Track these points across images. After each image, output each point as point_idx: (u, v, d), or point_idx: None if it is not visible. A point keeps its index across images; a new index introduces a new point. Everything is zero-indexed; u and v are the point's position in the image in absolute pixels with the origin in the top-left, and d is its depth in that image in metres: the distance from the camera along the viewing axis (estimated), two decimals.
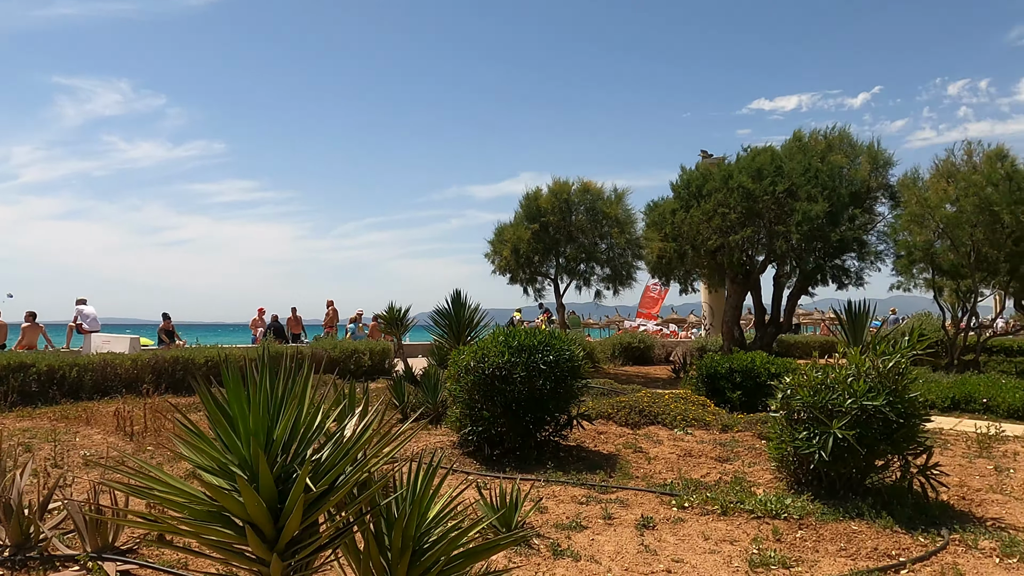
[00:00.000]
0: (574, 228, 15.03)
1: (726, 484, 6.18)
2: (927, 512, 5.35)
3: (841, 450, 5.40)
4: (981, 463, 7.53)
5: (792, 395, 5.76)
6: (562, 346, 6.99)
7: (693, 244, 16.87)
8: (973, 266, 15.72)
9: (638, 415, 9.54)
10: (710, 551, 4.56)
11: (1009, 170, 14.53)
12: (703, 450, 7.72)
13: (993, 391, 11.64)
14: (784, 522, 5.16)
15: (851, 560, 4.48)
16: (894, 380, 5.55)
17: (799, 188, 16.04)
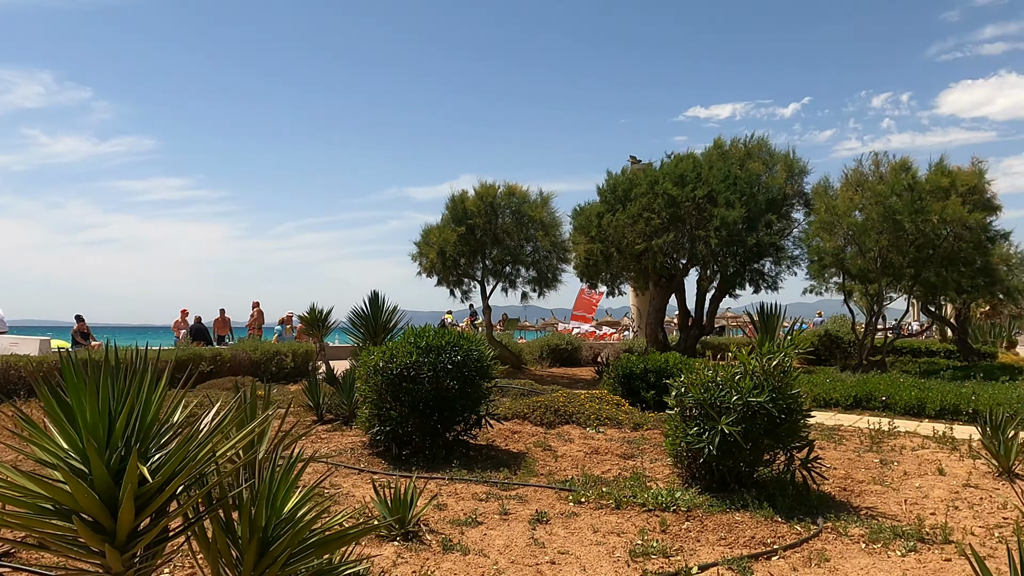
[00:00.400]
0: (500, 231, 15.19)
1: (625, 479, 6.37)
2: (807, 502, 5.64)
3: (728, 445, 5.64)
4: (869, 457, 7.96)
5: (685, 393, 6.00)
6: (470, 347, 7.09)
7: (619, 247, 17.23)
8: (879, 271, 16.51)
9: (553, 415, 9.71)
10: (596, 543, 4.72)
11: (911, 181, 15.32)
12: (610, 448, 7.93)
13: (891, 390, 12.26)
14: (673, 514, 5.37)
15: (729, 548, 4.70)
16: (778, 378, 5.84)
17: (719, 194, 16.57)
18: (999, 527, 5.27)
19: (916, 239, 15.86)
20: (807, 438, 6.07)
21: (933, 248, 16.06)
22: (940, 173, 15.49)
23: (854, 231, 16.15)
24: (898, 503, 5.95)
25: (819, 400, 12.67)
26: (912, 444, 8.88)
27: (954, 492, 6.32)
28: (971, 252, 16.22)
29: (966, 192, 15.67)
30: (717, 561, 4.38)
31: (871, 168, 16.76)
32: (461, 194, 15.38)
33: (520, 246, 15.33)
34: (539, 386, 12.73)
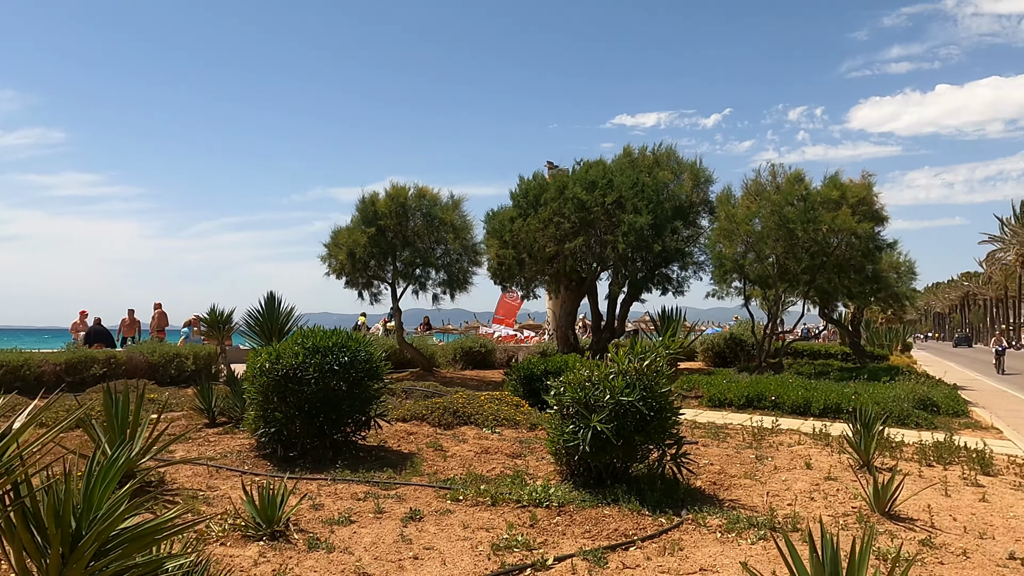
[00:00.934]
0: (411, 233, 15.20)
1: (506, 477, 6.52)
2: (674, 496, 5.90)
3: (601, 442, 5.86)
4: (747, 453, 8.36)
5: (563, 392, 6.19)
6: (358, 348, 7.12)
7: (530, 251, 17.50)
8: (776, 277, 17.29)
9: (452, 416, 9.80)
10: (464, 538, 4.84)
11: (804, 192, 16.12)
12: (501, 447, 8.08)
13: (780, 390, 12.87)
14: (545, 510, 5.54)
15: (591, 540, 4.89)
16: (651, 378, 6.10)
17: (627, 201, 17.03)
18: (846, 515, 5.65)
19: (810, 247, 16.68)
20: (678, 435, 6.35)
21: (826, 256, 16.92)
22: (832, 185, 16.36)
23: (753, 238, 16.87)
24: (761, 495, 6.29)
25: (714, 400, 13.20)
26: (790, 441, 9.37)
27: (815, 484, 6.72)
28: (860, 260, 17.18)
29: (855, 203, 16.60)
30: (575, 552, 4.56)
31: (769, 179, 17.55)
32: (372, 195, 15.32)
33: (431, 248, 15.38)
34: (444, 388, 12.81)
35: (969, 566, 4.56)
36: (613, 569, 4.37)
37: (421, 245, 15.30)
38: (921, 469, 7.66)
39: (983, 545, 5.01)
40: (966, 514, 5.82)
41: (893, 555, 4.63)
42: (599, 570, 4.33)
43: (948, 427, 11.48)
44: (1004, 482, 7.23)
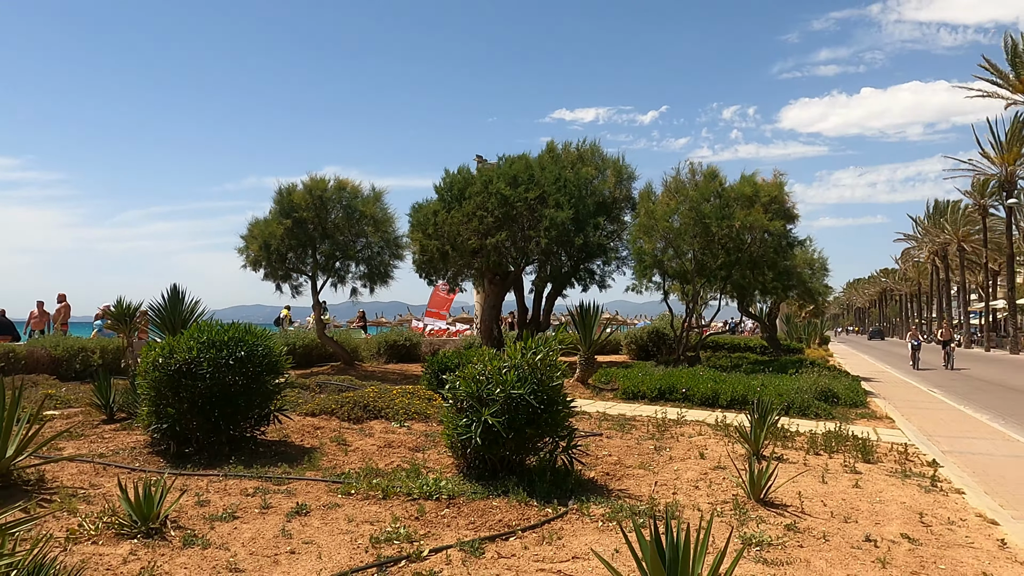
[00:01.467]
0: (330, 225, 15.02)
1: (403, 471, 6.56)
2: (564, 487, 6.04)
3: (493, 435, 5.95)
4: (648, 443, 8.60)
5: (457, 386, 6.26)
6: (256, 342, 7.03)
7: (453, 245, 17.51)
8: (694, 272, 17.76)
9: (362, 410, 9.77)
10: (346, 532, 4.86)
11: (719, 189, 16.60)
12: (405, 441, 8.12)
13: (691, 383, 13.26)
14: (435, 502, 5.60)
15: (473, 531, 4.98)
16: (544, 371, 6.22)
17: (549, 196, 17.19)
18: (724, 503, 5.89)
19: (725, 243, 17.20)
20: (571, 427, 6.50)
21: (740, 252, 17.47)
22: (745, 183, 16.88)
23: (672, 234, 17.28)
24: (650, 485, 6.50)
25: (628, 393, 13.50)
26: (692, 432, 9.68)
27: (704, 474, 6.98)
28: (773, 256, 17.79)
29: (768, 202, 17.17)
30: (452, 544, 4.64)
31: (688, 176, 17.99)
32: (289, 187, 15.08)
33: (351, 241, 15.24)
34: (360, 382, 12.75)
35: (826, 548, 4.83)
36: (489, 559, 4.47)
37: (341, 238, 15.14)
38: (807, 457, 8.02)
39: (844, 529, 5.31)
40: (837, 500, 6.15)
41: (757, 539, 4.87)
42: (474, 560, 4.42)
43: (845, 417, 12.04)
44: (881, 469, 7.65)
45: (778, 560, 4.53)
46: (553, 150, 20.46)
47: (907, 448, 8.92)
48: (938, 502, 6.34)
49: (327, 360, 17.79)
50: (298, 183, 15.40)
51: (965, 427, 12.06)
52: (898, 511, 5.87)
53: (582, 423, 10.13)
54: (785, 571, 4.36)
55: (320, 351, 17.84)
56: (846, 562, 4.56)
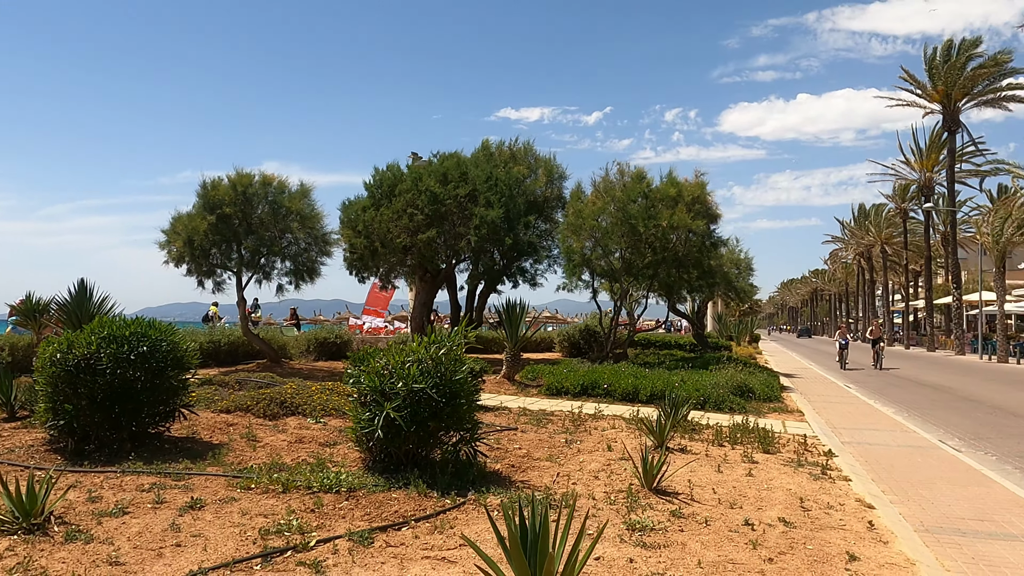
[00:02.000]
0: (255, 221, 14.81)
1: (308, 465, 6.58)
2: (466, 478, 6.16)
3: (395, 428, 6.03)
4: (561, 437, 8.79)
5: (361, 380, 6.31)
6: (159, 337, 6.94)
7: (383, 242, 17.47)
8: (621, 271, 18.11)
9: (278, 407, 9.71)
10: (237, 525, 4.87)
11: (645, 190, 16.97)
12: (318, 437, 8.12)
13: (613, 379, 13.54)
14: (335, 495, 5.65)
15: (368, 522, 5.04)
16: (448, 366, 6.32)
17: (480, 194, 17.30)
18: (619, 492, 6.09)
19: (652, 243, 17.59)
20: (475, 420, 6.62)
21: (666, 251, 17.89)
22: (670, 183, 17.30)
23: (600, 234, 17.59)
24: (553, 476, 6.67)
25: (553, 389, 13.70)
26: (606, 426, 9.92)
27: (607, 464, 7.19)
28: (697, 255, 18.27)
29: (691, 202, 17.62)
30: (342, 534, 4.70)
31: (617, 176, 18.33)
32: (214, 181, 14.79)
33: (277, 237, 15.04)
34: (281, 379, 12.63)
35: (705, 532, 5.06)
36: (377, 548, 4.55)
37: (267, 234, 14.93)
38: (710, 449, 8.33)
39: (728, 514, 5.57)
40: (728, 487, 6.42)
41: (640, 524, 5.07)
42: (362, 549, 4.50)
43: (758, 411, 12.48)
44: (778, 459, 7.99)
45: (656, 543, 4.74)
46: (487, 148, 20.59)
47: (807, 439, 9.34)
48: (823, 489, 6.67)
49: (253, 358, 17.51)
50: (223, 177, 15.13)
51: (870, 420, 12.63)
52: (782, 497, 6.18)
53: (501, 418, 10.28)
54: (661, 553, 4.57)
55: (247, 348, 17.56)
56: (720, 544, 4.80)
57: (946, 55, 38.29)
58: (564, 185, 20.48)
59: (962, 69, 37.33)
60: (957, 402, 16.14)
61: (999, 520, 6.12)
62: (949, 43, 38.73)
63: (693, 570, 4.31)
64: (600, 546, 4.69)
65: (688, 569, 4.32)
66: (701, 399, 12.58)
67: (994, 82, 37.27)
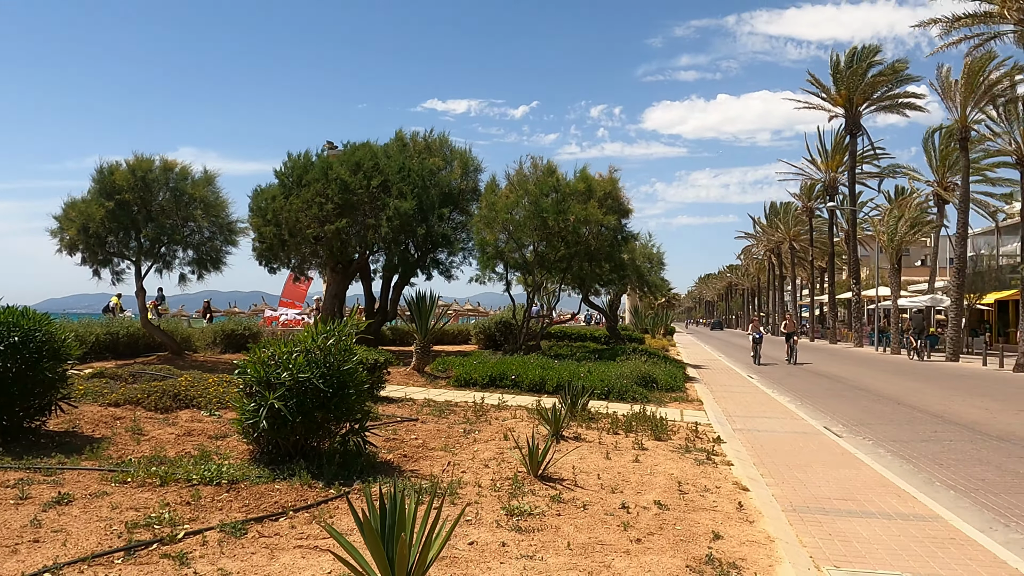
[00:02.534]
0: (156, 208, 14.28)
1: (191, 458, 6.43)
2: (353, 468, 6.15)
3: (280, 419, 5.96)
4: (460, 427, 8.85)
5: (247, 370, 6.21)
6: (33, 327, 6.64)
7: (292, 231, 17.12)
8: (534, 263, 18.31)
9: (171, 399, 9.44)
10: (105, 519, 4.73)
11: (556, 184, 17.20)
12: (209, 429, 7.94)
13: (522, 370, 13.70)
14: (215, 487, 5.54)
15: (244, 514, 4.98)
16: (336, 356, 6.29)
17: (393, 185, 17.16)
18: (507, 479, 6.20)
19: (565, 236, 17.85)
20: (365, 411, 6.61)
21: (579, 245, 18.18)
22: (580, 179, 17.59)
23: (512, 227, 17.73)
24: (444, 466, 6.72)
25: (462, 380, 13.76)
26: (508, 416, 10.05)
27: (500, 453, 7.30)
28: (608, 249, 18.64)
29: (603, 197, 17.96)
30: (214, 526, 4.63)
31: (531, 170, 18.50)
32: (111, 166, 14.18)
33: (179, 225, 14.55)
34: (179, 372, 12.25)
35: (581, 516, 5.21)
36: (250, 539, 4.50)
37: (168, 222, 14.42)
38: (604, 437, 8.55)
39: (607, 498, 5.75)
40: (613, 473, 6.62)
41: (519, 510, 5.19)
42: (233, 540, 4.44)
43: (660, 401, 12.86)
44: (668, 446, 8.27)
45: (531, 528, 4.86)
46: (401, 139, 20.42)
47: (699, 427, 9.70)
48: (705, 473, 6.96)
49: (155, 350, 16.92)
50: (121, 162, 14.53)
51: (764, 408, 13.19)
52: (663, 482, 6.41)
53: (404, 410, 10.28)
54: (534, 537, 4.68)
55: (148, 341, 16.95)
56: (593, 527, 4.96)
57: (849, 61, 40.14)
58: (480, 178, 20.54)
59: (863, 75, 39.23)
60: (847, 391, 17.03)
61: (861, 499, 6.52)
62: (853, 50, 40.63)
63: (562, 552, 4.44)
64: (476, 531, 4.78)
65: (557, 551, 4.45)
66: (606, 389, 12.87)
67: (892, 88, 39.33)
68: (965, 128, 29.39)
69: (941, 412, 13.09)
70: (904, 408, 13.74)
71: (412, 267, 19.86)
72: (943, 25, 23.20)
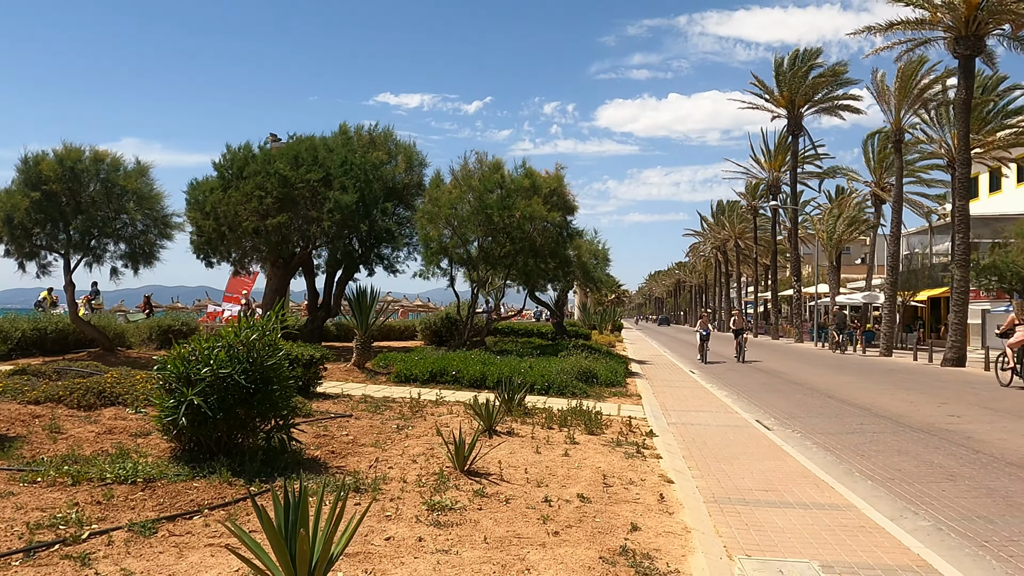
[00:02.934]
0: (86, 200, 13.82)
1: (108, 456, 6.25)
2: (277, 465, 6.06)
3: (201, 415, 5.84)
4: (394, 423, 8.80)
5: (167, 366, 6.07)
6: None
7: (231, 225, 16.78)
8: (479, 259, 18.30)
9: (96, 397, 9.15)
10: (6, 520, 4.54)
11: (500, 180, 17.21)
12: (132, 427, 7.74)
13: (462, 365, 13.69)
14: (129, 486, 5.40)
15: (157, 512, 4.86)
16: (260, 351, 6.19)
17: (335, 179, 16.95)
18: (433, 474, 6.19)
19: (510, 232, 17.87)
20: (292, 406, 6.52)
21: (524, 241, 18.23)
22: (525, 176, 17.64)
23: (457, 222, 17.68)
24: (372, 461, 6.67)
25: (402, 376, 13.68)
26: (444, 411, 10.03)
27: (430, 448, 7.28)
28: (553, 246, 18.74)
29: (548, 193, 18.05)
30: (123, 525, 4.52)
31: (476, 165, 18.48)
32: (37, 156, 13.68)
33: (110, 218, 14.11)
34: (107, 368, 11.90)
35: (503, 510, 5.24)
36: (159, 538, 4.39)
37: (99, 214, 13.98)
38: (537, 431, 8.59)
39: (531, 492, 5.78)
40: (541, 468, 6.66)
41: (440, 504, 5.18)
42: (142, 540, 4.33)
43: (600, 396, 12.99)
44: (600, 440, 8.36)
45: (450, 522, 4.86)
46: (346, 133, 20.18)
47: (633, 421, 9.83)
48: (632, 466, 7.06)
49: (87, 346, 16.41)
50: (49, 152, 14.03)
51: (702, 403, 13.45)
52: (589, 475, 6.48)
53: (340, 406, 10.17)
54: (451, 531, 4.69)
55: (79, 336, 16.43)
56: (512, 520, 4.98)
57: (791, 64, 41.13)
58: (425, 172, 20.45)
59: (804, 77, 40.24)
60: (783, 385, 17.47)
61: (781, 489, 6.70)
62: (795, 53, 41.64)
63: (478, 545, 4.45)
64: (395, 526, 4.76)
65: (473, 545, 4.46)
66: (546, 385, 12.95)
67: (832, 91, 40.43)
68: (899, 131, 30.38)
69: (869, 405, 13.53)
70: (834, 401, 14.16)
71: (355, 262, 19.66)
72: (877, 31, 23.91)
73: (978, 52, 22.86)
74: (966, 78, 23.02)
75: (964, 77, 23.04)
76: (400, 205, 20.26)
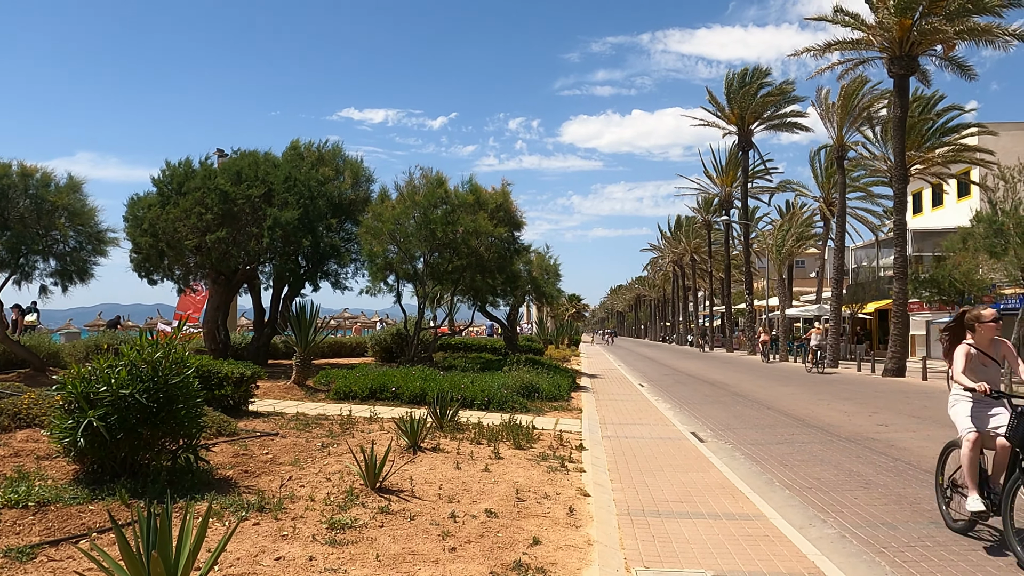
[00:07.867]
0: (13, 216, 13.46)
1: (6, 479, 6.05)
2: (182, 486, 5.92)
3: (99, 436, 5.69)
4: (319, 441, 8.67)
5: (65, 385, 5.91)
6: None
7: (169, 242, 16.50)
8: (425, 275, 18.25)
9: (10, 419, 8.86)
10: None
11: (444, 195, 17.22)
12: (41, 449, 7.48)
13: (402, 381, 13.59)
14: (20, 510, 5.22)
15: (43, 537, 4.71)
16: (166, 370, 6.06)
17: (277, 194, 16.78)
18: (344, 492, 6.11)
19: (456, 247, 17.85)
20: (200, 425, 6.40)
21: (471, 256, 18.22)
22: (469, 191, 17.68)
23: (402, 237, 17.62)
24: (284, 482, 6.57)
25: (340, 393, 13.51)
26: (376, 428, 9.93)
27: (346, 467, 7.18)
28: (500, 261, 18.76)
29: (495, 208, 18.10)
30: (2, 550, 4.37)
31: (421, 181, 18.46)
32: None
33: (40, 234, 13.76)
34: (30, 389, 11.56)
35: (406, 527, 5.19)
36: (37, 563, 4.26)
37: (27, 230, 13.62)
38: (463, 446, 8.55)
39: (440, 508, 5.74)
40: (456, 484, 6.63)
41: (341, 523, 5.12)
42: (17, 566, 4.19)
43: (540, 410, 13.00)
44: (526, 455, 8.34)
45: (347, 540, 4.79)
46: (296, 149, 20.05)
47: (563, 435, 9.83)
48: (552, 480, 7.06)
49: (16, 367, 15.91)
50: None
51: (642, 416, 13.54)
52: (504, 490, 6.46)
53: (269, 424, 10.00)
54: (346, 550, 4.62)
55: (9, 357, 15.92)
56: (411, 537, 4.94)
57: (741, 82, 42.04)
58: (372, 188, 20.35)
59: (754, 95, 41.15)
60: (726, 397, 17.69)
61: (697, 501, 6.76)
62: (744, 71, 42.60)
63: (369, 563, 4.40)
64: (289, 545, 4.68)
65: (365, 563, 4.41)
66: (486, 400, 12.91)
67: (780, 108, 41.39)
68: (842, 147, 31.20)
69: (804, 416, 13.76)
70: (772, 412, 14.38)
71: (301, 278, 19.45)
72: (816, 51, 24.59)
73: (912, 72, 23.63)
74: (901, 97, 23.77)
75: (899, 96, 23.78)
76: (347, 221, 20.12)
